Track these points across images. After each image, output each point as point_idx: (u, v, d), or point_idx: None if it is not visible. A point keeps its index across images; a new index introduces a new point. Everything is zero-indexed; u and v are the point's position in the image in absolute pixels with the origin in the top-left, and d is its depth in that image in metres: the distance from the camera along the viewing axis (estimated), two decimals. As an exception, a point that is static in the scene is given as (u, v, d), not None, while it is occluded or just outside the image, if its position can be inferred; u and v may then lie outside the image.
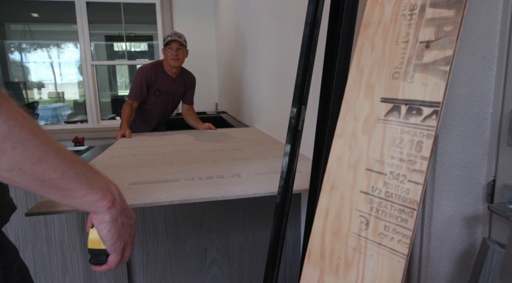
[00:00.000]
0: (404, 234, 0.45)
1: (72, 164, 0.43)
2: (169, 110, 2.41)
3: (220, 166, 1.11)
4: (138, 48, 4.55)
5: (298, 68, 0.70)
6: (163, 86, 2.26)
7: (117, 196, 0.50)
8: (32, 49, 4.29)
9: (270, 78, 1.68)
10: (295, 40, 1.28)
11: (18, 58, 4.23)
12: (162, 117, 2.42)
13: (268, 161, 1.16)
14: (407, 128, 0.48)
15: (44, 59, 4.32)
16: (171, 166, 1.13)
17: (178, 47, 2.12)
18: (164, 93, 2.28)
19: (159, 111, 2.34)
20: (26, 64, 4.27)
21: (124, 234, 0.52)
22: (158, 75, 2.22)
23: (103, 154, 1.35)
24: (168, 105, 2.35)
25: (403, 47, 0.50)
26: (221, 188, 0.87)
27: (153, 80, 2.20)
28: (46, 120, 4.44)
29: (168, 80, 2.27)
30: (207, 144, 1.53)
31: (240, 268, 1.30)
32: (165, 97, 2.30)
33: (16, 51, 4.22)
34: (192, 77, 2.44)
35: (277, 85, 1.56)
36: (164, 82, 2.26)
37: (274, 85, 1.60)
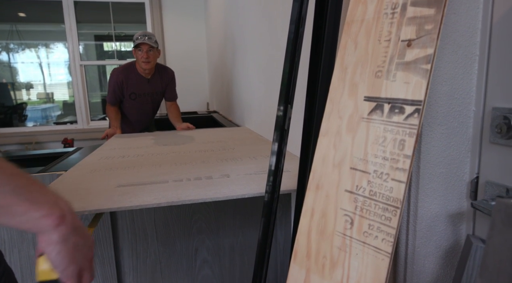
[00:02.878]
0: (388, 233, 0.46)
1: (10, 177, 0.39)
2: (152, 111, 2.34)
3: (209, 167, 1.10)
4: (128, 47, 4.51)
5: (284, 67, 0.70)
6: (138, 89, 2.18)
7: (68, 212, 0.43)
8: (19, 49, 4.22)
9: (259, 77, 1.67)
10: (284, 39, 1.28)
11: (6, 59, 4.15)
12: (146, 118, 2.36)
13: (257, 161, 1.16)
14: (390, 127, 0.48)
15: (32, 59, 4.25)
16: (160, 167, 1.12)
17: (148, 49, 2.02)
18: (140, 95, 2.20)
19: (140, 113, 2.28)
20: (14, 64, 4.19)
21: (78, 257, 0.45)
22: (131, 78, 2.14)
23: (91, 155, 1.34)
24: (148, 106, 2.28)
25: (385, 45, 0.50)
26: (210, 189, 0.87)
27: (126, 84, 2.12)
28: (35, 121, 4.38)
29: (142, 82, 2.18)
30: (197, 144, 1.52)
31: (231, 268, 1.29)
32: (142, 99, 2.22)
33: (3, 52, 4.14)
34: (169, 72, 2.33)
35: (266, 84, 1.56)
36: (138, 85, 2.17)
37: (264, 84, 1.60)
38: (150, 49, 2.03)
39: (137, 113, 2.28)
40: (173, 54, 4.24)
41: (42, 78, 4.36)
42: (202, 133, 1.86)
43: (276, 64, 1.39)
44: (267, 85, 1.54)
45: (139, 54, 2.04)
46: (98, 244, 1.17)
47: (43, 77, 4.35)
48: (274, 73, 1.42)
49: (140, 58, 2.04)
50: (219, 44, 3.07)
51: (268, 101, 1.55)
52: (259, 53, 1.66)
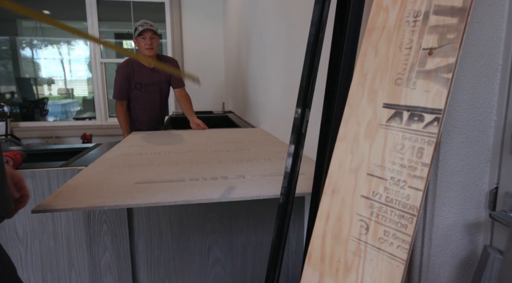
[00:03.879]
0: (404, 240, 0.46)
1: None
2: (160, 101, 2.35)
3: (225, 167, 1.12)
4: (146, 46, 4.57)
5: (303, 70, 0.71)
6: (143, 79, 2.23)
7: None
8: (43, 45, 4.34)
9: (277, 79, 1.68)
10: (302, 42, 1.29)
11: (29, 55, 4.29)
12: (156, 110, 2.36)
13: (273, 163, 1.17)
14: (408, 135, 0.48)
15: (54, 55, 4.37)
16: (176, 165, 1.15)
17: (151, 36, 2.09)
18: (146, 85, 2.25)
19: (149, 104, 2.30)
20: (37, 60, 4.32)
21: None
22: (135, 69, 2.20)
23: (110, 152, 1.37)
24: (156, 96, 2.30)
25: (406, 53, 0.50)
26: (225, 189, 0.88)
27: (131, 75, 2.19)
28: (55, 116, 4.50)
29: (146, 71, 2.23)
30: (213, 144, 1.54)
31: (243, 267, 1.30)
32: (149, 89, 2.26)
33: (27, 48, 4.28)
34: (171, 60, 2.37)
35: (283, 87, 1.57)
36: (143, 75, 2.22)
37: (281, 86, 1.61)
38: (153, 36, 2.10)
39: (146, 104, 2.28)
40: (191, 54, 4.29)
41: (63, 74, 4.47)
42: (217, 134, 1.88)
43: (293, 67, 1.40)
44: (284, 87, 1.55)
45: (142, 41, 2.10)
46: (114, 238, 1.20)
47: (64, 73, 4.46)
48: (292, 75, 1.42)
49: (144, 46, 2.11)
50: (236, 44, 3.09)
51: (284, 104, 1.56)
52: (276, 55, 1.67)
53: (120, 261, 1.22)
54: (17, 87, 4.29)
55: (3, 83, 4.18)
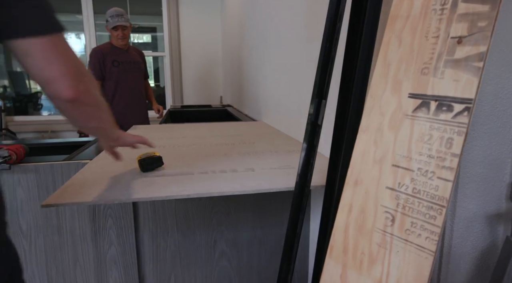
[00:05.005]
0: (432, 231, 0.45)
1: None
2: (135, 81, 2.47)
3: (232, 160, 1.11)
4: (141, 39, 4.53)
5: (319, 60, 0.70)
6: (119, 57, 2.37)
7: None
8: (36, 39, 4.25)
9: (279, 72, 1.67)
10: (307, 33, 1.27)
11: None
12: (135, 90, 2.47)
13: (280, 155, 1.16)
14: (436, 125, 0.47)
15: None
16: (183, 158, 1.13)
17: (123, 29, 2.28)
18: (123, 63, 2.39)
19: (126, 82, 2.41)
20: (29, 54, 4.24)
21: None
22: (111, 49, 2.36)
23: (113, 146, 1.35)
24: (131, 75, 2.43)
25: (433, 42, 0.49)
26: (236, 182, 0.87)
27: (107, 54, 2.33)
28: (49, 111, 4.43)
29: (121, 51, 2.39)
30: (217, 137, 1.53)
31: (249, 261, 1.30)
32: (125, 67, 2.39)
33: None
34: (139, 50, 2.60)
35: (287, 79, 1.55)
36: (119, 54, 2.38)
37: (284, 79, 1.59)
38: (125, 28, 2.29)
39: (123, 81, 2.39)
40: (188, 47, 4.25)
41: (57, 68, 4.39)
42: (220, 127, 1.87)
43: (296, 60, 1.39)
44: (288, 80, 1.54)
45: (114, 33, 2.29)
46: (120, 232, 1.19)
47: (57, 67, 4.38)
48: (296, 68, 1.41)
49: (116, 36, 2.30)
50: (236, 37, 3.06)
51: (287, 97, 1.55)
52: (279, 48, 1.65)
53: (126, 255, 1.21)
54: (10, 81, 4.21)
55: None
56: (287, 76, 1.54)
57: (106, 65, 2.35)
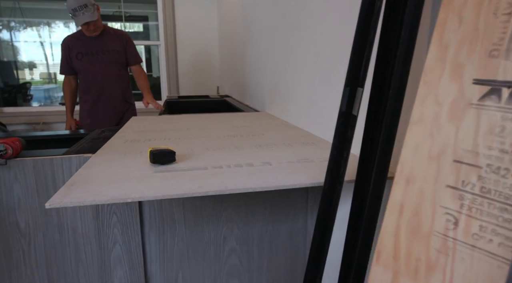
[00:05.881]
0: (507, 236, 0.40)
1: None
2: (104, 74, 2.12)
3: (245, 153, 1.04)
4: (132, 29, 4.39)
5: (354, 43, 0.63)
6: (84, 48, 2.09)
7: None
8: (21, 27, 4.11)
9: (286, 60, 1.59)
10: (317, 17, 1.20)
11: (7, 37, 4.05)
12: (102, 85, 2.13)
13: (294, 148, 1.10)
14: (510, 115, 0.41)
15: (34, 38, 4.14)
16: (192, 152, 1.07)
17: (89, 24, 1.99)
18: (87, 54, 2.09)
19: (91, 76, 2.10)
20: (16, 43, 4.09)
21: None
22: (78, 39, 2.09)
23: (115, 138, 1.28)
24: (100, 68, 2.10)
25: (504, 20, 0.43)
26: (255, 177, 0.81)
27: (72, 45, 2.08)
28: (39, 102, 4.30)
29: (89, 40, 2.08)
30: (223, 129, 1.46)
31: (259, 258, 1.25)
32: (91, 58, 2.09)
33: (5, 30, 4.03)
34: (124, 33, 2.23)
35: (295, 67, 1.48)
36: (84, 44, 2.08)
37: (292, 67, 1.52)
38: (91, 22, 1.98)
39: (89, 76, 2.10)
40: (184, 37, 4.13)
41: (44, 58, 4.26)
42: (223, 118, 1.80)
43: (308, 45, 1.32)
44: (296, 68, 1.47)
45: (84, 27, 2.01)
46: (125, 229, 1.12)
47: (45, 57, 4.25)
48: (306, 55, 1.34)
49: (87, 29, 2.02)
50: (234, 26, 2.96)
51: (296, 86, 1.48)
52: (287, 34, 1.58)
53: (131, 253, 1.14)
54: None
55: (-21, 66, 3.95)
56: (296, 65, 1.47)
57: (72, 59, 2.09)
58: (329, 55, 1.14)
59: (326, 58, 1.16)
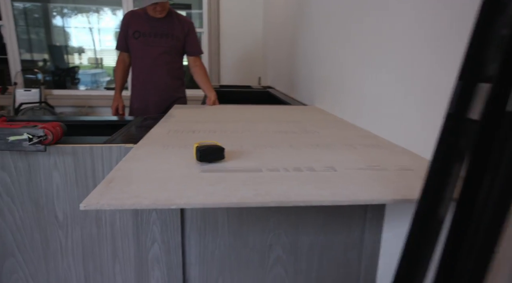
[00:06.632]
0: None
1: None
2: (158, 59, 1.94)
3: (302, 154, 0.90)
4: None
5: (477, 25, 0.47)
6: (143, 27, 1.90)
7: None
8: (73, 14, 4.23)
9: (342, 49, 1.42)
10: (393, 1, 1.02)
11: (60, 23, 4.19)
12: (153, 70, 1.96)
13: (359, 151, 0.95)
14: None
15: (84, 24, 4.25)
16: (241, 148, 0.95)
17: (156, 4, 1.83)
18: (145, 34, 1.90)
19: (144, 58, 1.94)
20: (67, 29, 4.22)
21: None
22: (140, 17, 1.92)
23: (157, 127, 1.19)
24: (154, 52, 1.92)
25: None
26: (322, 187, 0.67)
27: (132, 22, 1.91)
28: (86, 85, 4.42)
29: (149, 20, 1.90)
30: (272, 123, 1.33)
31: (307, 269, 1.12)
32: (147, 40, 1.91)
33: (58, 16, 4.17)
34: (188, 20, 2.02)
35: (355, 58, 1.31)
36: (144, 23, 1.91)
37: (350, 58, 1.35)
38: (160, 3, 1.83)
39: (141, 57, 1.94)
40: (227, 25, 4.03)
41: (92, 44, 4.37)
42: (270, 111, 1.67)
43: (377, 34, 1.14)
44: (356, 59, 1.29)
45: (150, 7, 1.86)
46: (164, 228, 1.04)
47: (93, 43, 4.35)
48: (371, 44, 1.16)
49: (153, 9, 1.86)
50: (284, 13, 2.80)
51: (355, 78, 1.31)
52: (346, 22, 1.40)
53: (170, 254, 1.06)
54: (49, 55, 4.21)
55: (36, 50, 4.11)
56: (357, 54, 1.30)
57: (129, 36, 1.92)
58: (405, 44, 0.96)
59: (400, 48, 0.99)
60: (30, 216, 1.00)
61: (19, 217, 1.00)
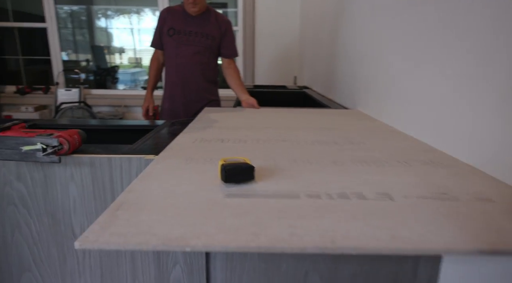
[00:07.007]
0: None
1: None
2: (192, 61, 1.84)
3: (348, 173, 0.75)
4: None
5: None
6: (178, 24, 1.80)
7: None
8: (115, 15, 4.32)
9: (391, 45, 1.24)
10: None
11: (103, 25, 4.30)
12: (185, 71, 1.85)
13: (417, 171, 0.78)
14: None
15: (125, 25, 4.34)
16: (275, 163, 0.81)
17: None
18: (179, 32, 1.80)
19: (178, 58, 1.83)
20: (109, 30, 4.33)
21: None
22: (175, 13, 1.82)
23: (183, 134, 1.09)
24: (188, 51, 1.82)
25: None
26: (376, 224, 0.52)
27: (168, 19, 1.82)
28: (125, 84, 4.50)
29: (185, 17, 1.81)
30: (309, 130, 1.18)
31: (348, 303, 0.96)
32: (181, 38, 1.81)
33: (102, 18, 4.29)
34: (226, 19, 1.88)
35: (407, 56, 1.13)
36: (179, 20, 1.81)
37: (401, 56, 1.17)
38: None
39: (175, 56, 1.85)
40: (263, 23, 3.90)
41: (132, 44, 4.44)
42: (307, 115, 1.52)
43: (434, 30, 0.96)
44: (409, 57, 1.11)
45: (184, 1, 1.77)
46: (187, 249, 0.93)
47: (133, 43, 4.43)
48: (429, 40, 0.98)
49: (186, 1, 1.76)
50: (324, 10, 2.62)
51: (408, 79, 1.13)
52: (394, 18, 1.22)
53: (193, 278, 0.95)
54: (92, 55, 4.34)
55: (80, 51, 4.25)
56: (411, 52, 1.11)
57: (163, 33, 1.84)
58: (477, 39, 0.78)
59: (470, 44, 0.80)
60: (46, 229, 0.94)
61: (36, 230, 0.94)
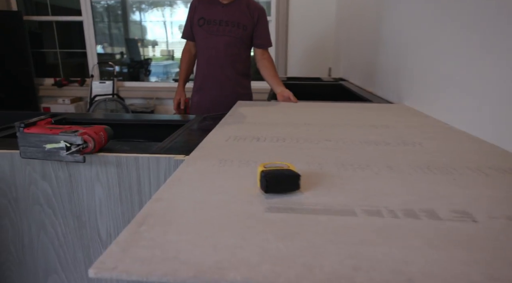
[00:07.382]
0: None
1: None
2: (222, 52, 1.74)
3: (411, 183, 0.63)
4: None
5: None
6: (208, 14, 1.70)
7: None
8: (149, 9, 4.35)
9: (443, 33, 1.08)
10: None
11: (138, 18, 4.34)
12: (215, 62, 1.76)
13: (496, 182, 0.64)
14: None
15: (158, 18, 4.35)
16: (321, 169, 0.70)
17: None
18: (209, 22, 1.70)
19: (208, 48, 1.74)
20: (143, 23, 4.36)
21: None
22: (206, 2, 1.73)
23: (216, 132, 1.00)
24: (218, 42, 1.72)
25: None
26: (462, 255, 0.40)
27: (198, 8, 1.73)
28: (157, 76, 4.53)
29: (216, 6, 1.70)
30: (355, 129, 1.06)
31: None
32: (211, 28, 1.71)
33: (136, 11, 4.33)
34: (259, 6, 1.75)
35: (463, 43, 0.97)
36: (210, 10, 1.71)
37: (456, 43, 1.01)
38: None
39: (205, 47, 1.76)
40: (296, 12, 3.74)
41: (165, 36, 4.45)
42: (348, 110, 1.38)
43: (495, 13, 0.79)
44: (468, 43, 0.95)
45: None
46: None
47: (166, 35, 4.43)
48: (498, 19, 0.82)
49: None
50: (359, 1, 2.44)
51: (467, 69, 0.97)
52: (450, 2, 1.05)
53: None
54: (126, 48, 4.39)
55: (115, 44, 4.32)
56: (469, 38, 0.95)
57: (193, 23, 1.76)
58: None
59: None
60: (72, 231, 0.89)
61: (61, 231, 0.89)
